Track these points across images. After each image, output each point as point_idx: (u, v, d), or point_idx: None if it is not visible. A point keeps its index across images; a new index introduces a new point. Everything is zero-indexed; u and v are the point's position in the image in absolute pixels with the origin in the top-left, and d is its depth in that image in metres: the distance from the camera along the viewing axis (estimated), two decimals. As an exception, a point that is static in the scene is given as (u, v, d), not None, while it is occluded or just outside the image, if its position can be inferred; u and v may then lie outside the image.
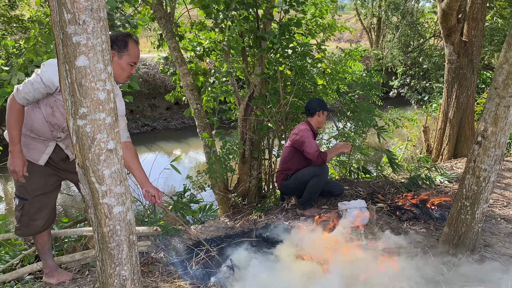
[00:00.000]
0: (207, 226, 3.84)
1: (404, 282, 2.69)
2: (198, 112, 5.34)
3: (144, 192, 2.71)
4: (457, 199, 2.81)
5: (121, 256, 1.85)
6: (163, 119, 13.48)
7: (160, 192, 2.72)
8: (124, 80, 2.41)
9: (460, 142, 6.40)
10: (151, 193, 2.68)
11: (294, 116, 5.49)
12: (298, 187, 4.14)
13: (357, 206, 3.80)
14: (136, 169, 2.61)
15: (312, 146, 3.92)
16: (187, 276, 2.87)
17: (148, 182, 2.68)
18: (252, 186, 5.57)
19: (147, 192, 2.68)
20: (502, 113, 2.42)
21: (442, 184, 4.95)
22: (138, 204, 4.29)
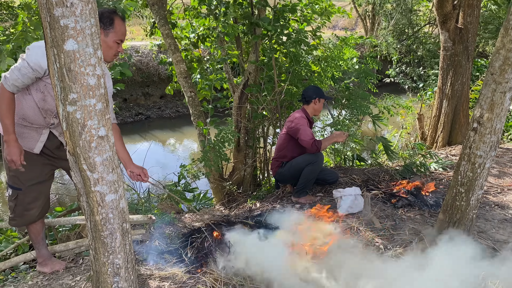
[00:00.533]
0: (202, 214, 3.83)
1: (400, 269, 2.70)
2: (192, 100, 5.29)
3: (129, 173, 2.71)
4: (452, 185, 2.81)
5: (114, 244, 1.83)
6: (157, 108, 13.39)
7: (145, 170, 2.72)
8: (111, 58, 2.37)
9: (455, 129, 6.41)
10: (136, 173, 2.67)
11: (289, 104, 5.46)
12: (293, 175, 4.13)
13: (352, 193, 3.80)
14: (119, 150, 2.61)
15: (307, 134, 3.90)
16: (182, 264, 2.86)
17: (131, 163, 2.68)
18: (247, 174, 5.55)
19: (132, 173, 2.68)
20: (498, 99, 2.41)
21: (436, 171, 4.96)
22: (132, 193, 4.27)
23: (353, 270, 2.60)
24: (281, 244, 2.91)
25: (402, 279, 2.53)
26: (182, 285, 2.61)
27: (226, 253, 2.86)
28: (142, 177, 2.72)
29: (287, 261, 2.66)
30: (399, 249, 3.05)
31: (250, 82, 5.13)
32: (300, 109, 4.17)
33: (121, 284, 1.93)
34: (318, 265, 2.64)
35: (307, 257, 2.70)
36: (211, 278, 2.64)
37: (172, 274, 2.72)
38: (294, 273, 2.56)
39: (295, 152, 4.11)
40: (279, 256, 2.75)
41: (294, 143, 4.08)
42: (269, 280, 2.52)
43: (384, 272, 2.60)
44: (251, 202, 4.68)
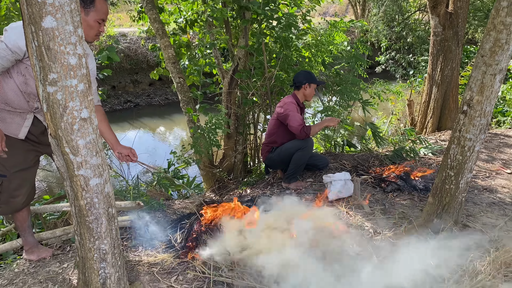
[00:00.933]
0: (193, 201, 3.80)
1: (388, 252, 2.71)
2: (181, 86, 5.21)
3: (117, 155, 2.68)
4: (441, 169, 2.81)
5: (100, 229, 1.79)
6: (146, 95, 13.24)
7: (133, 150, 2.69)
8: (93, 38, 2.30)
9: (444, 115, 6.43)
10: (124, 154, 2.63)
11: (280, 90, 5.41)
12: (283, 160, 4.11)
13: (341, 178, 3.80)
14: (105, 132, 2.56)
15: (296, 119, 3.87)
16: (172, 249, 2.84)
17: (118, 144, 2.65)
18: (238, 161, 5.53)
19: (120, 154, 2.65)
20: (488, 81, 2.39)
21: (426, 156, 4.98)
22: (120, 179, 4.21)
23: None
24: (271, 228, 2.90)
25: (389, 262, 2.54)
26: (171, 270, 2.59)
27: (216, 237, 2.84)
28: (131, 157, 2.68)
29: (277, 246, 2.65)
30: (388, 233, 3.06)
31: (240, 68, 5.07)
32: (291, 95, 4.14)
33: (107, 270, 1.90)
34: (306, 249, 2.63)
35: (296, 241, 2.69)
36: (200, 263, 2.63)
37: (161, 260, 2.70)
38: (283, 258, 2.54)
39: (285, 138, 4.09)
40: (270, 241, 2.74)
41: (284, 129, 4.05)
42: (259, 265, 2.51)
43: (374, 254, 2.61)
44: (241, 188, 4.67)
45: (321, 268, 2.47)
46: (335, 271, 2.46)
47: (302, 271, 2.43)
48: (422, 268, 2.53)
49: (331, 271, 2.46)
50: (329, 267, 2.50)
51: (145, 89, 13.51)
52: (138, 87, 13.40)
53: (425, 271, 2.50)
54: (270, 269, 2.46)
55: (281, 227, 2.92)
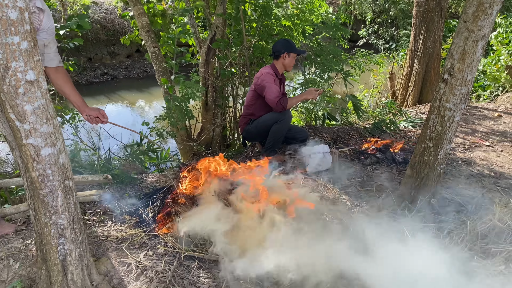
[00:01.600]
0: (166, 174, 3.67)
1: (365, 224, 2.66)
2: (156, 56, 4.99)
3: (86, 117, 2.53)
4: (420, 140, 2.74)
5: (56, 203, 1.66)
6: (123, 68, 12.81)
7: (102, 111, 2.55)
8: None
9: (426, 88, 6.38)
10: (93, 116, 2.50)
11: (259, 60, 5.24)
12: (260, 133, 4.00)
13: (320, 151, 3.72)
14: (70, 94, 2.40)
15: (272, 91, 3.74)
16: (143, 224, 2.73)
17: (85, 105, 2.50)
18: (216, 134, 5.39)
19: (89, 116, 2.51)
20: (470, 48, 2.30)
21: (406, 129, 4.94)
22: (91, 153, 4.04)
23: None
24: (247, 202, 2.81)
25: (364, 235, 2.49)
26: (141, 245, 2.49)
27: (191, 209, 2.73)
28: (100, 119, 2.53)
29: (252, 221, 2.56)
30: (365, 206, 3.01)
31: (218, 37, 4.87)
32: (269, 65, 3.99)
33: (67, 246, 1.78)
34: (282, 223, 2.56)
35: (272, 215, 2.61)
36: (171, 238, 2.53)
37: (131, 235, 2.59)
38: (258, 232, 2.46)
39: (263, 110, 3.97)
40: (245, 216, 2.66)
41: (262, 101, 3.92)
42: (233, 240, 2.43)
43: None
44: (219, 162, 4.55)
45: (295, 240, 2.40)
46: (311, 244, 2.40)
47: (277, 245, 2.36)
48: (399, 240, 2.49)
49: (307, 244, 2.40)
50: (305, 239, 2.44)
51: (122, 61, 13.07)
52: (115, 59, 12.96)
53: (401, 243, 2.46)
54: (244, 243, 2.38)
55: (256, 202, 2.83)
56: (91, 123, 2.57)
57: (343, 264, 2.16)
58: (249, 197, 2.67)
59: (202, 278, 2.24)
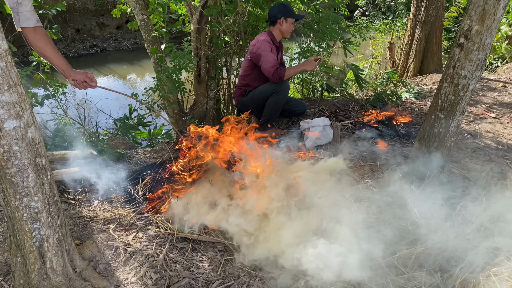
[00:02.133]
0: (158, 150, 3.46)
1: (371, 201, 2.49)
2: (145, 24, 4.69)
3: (72, 82, 2.29)
4: (430, 111, 2.54)
5: (27, 184, 1.45)
6: (113, 39, 12.38)
7: (90, 74, 2.32)
8: None
9: (427, 58, 6.13)
10: (80, 80, 2.27)
11: (254, 29, 4.96)
12: (256, 105, 3.78)
13: (320, 124, 3.51)
14: (53, 57, 2.16)
15: (269, 60, 3.49)
16: (131, 204, 2.54)
17: (71, 69, 2.26)
18: (210, 108, 5.15)
19: (75, 81, 2.28)
20: (491, 7, 2.07)
21: (408, 100, 4.73)
22: (77, 127, 3.79)
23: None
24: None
25: (370, 211, 2.32)
26: (130, 227, 2.31)
27: (186, 188, 2.54)
28: (88, 83, 2.30)
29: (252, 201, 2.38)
30: (370, 181, 2.83)
31: (210, 3, 4.57)
32: (266, 32, 3.72)
33: (43, 231, 1.58)
34: (283, 202, 2.38)
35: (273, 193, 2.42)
36: (163, 218, 2.35)
37: (119, 215, 2.41)
38: (258, 212, 2.28)
39: (259, 81, 3.73)
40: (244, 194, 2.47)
41: (258, 71, 3.68)
42: (230, 222, 2.25)
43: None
44: (213, 136, 4.34)
45: (298, 218, 2.23)
46: (314, 221, 2.23)
47: (278, 225, 2.18)
48: (406, 217, 2.33)
49: (308, 221, 2.23)
50: (306, 216, 2.27)
51: (112, 32, 12.63)
52: (104, 31, 12.52)
53: (409, 221, 2.30)
54: (243, 225, 2.21)
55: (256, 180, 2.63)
56: (79, 88, 2.34)
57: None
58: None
59: (197, 261, 2.07)
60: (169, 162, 2.81)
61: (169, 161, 2.83)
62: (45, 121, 4.12)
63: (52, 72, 4.13)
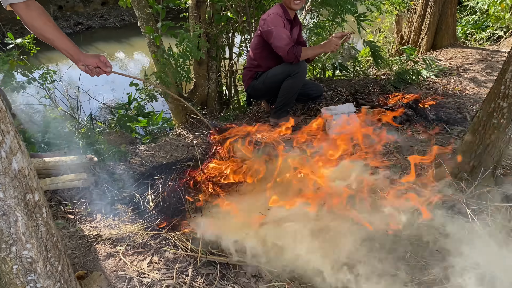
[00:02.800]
0: (162, 144, 3.06)
1: (415, 203, 2.15)
2: (138, 0, 4.19)
3: (82, 68, 1.87)
4: (489, 99, 2.17)
5: (16, 230, 1.07)
6: (99, 16, 11.66)
7: (103, 57, 1.89)
8: None
9: (441, 31, 5.72)
10: (92, 65, 1.86)
11: (259, 3, 4.49)
12: (269, 90, 3.37)
13: (345, 111, 3.14)
14: (55, 38, 1.75)
15: (282, 37, 3.05)
16: (141, 218, 2.16)
17: (80, 52, 1.84)
18: (212, 91, 4.71)
19: (86, 67, 1.86)
20: None
21: (428, 79, 4.35)
22: (70, 120, 3.34)
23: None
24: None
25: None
26: (142, 248, 1.94)
27: (212, 198, 2.16)
28: (102, 69, 1.88)
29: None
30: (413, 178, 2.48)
31: (210, -25, 4.08)
32: (279, 4, 3.27)
33: (40, 283, 1.20)
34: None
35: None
36: (182, 237, 1.97)
37: (128, 233, 2.03)
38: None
39: (272, 60, 3.29)
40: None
41: (269, 50, 3.24)
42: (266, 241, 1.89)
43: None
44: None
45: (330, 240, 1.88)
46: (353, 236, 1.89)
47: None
48: (458, 223, 2.01)
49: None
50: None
51: (97, 9, 11.90)
52: (89, 7, 11.78)
53: (461, 227, 1.97)
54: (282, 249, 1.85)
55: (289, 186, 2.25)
56: (91, 75, 1.90)
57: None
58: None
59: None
60: (186, 163, 2.41)
61: (187, 162, 2.43)
62: (30, 113, 3.68)
63: (35, 56, 3.65)
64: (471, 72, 4.51)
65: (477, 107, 3.59)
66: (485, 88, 4.05)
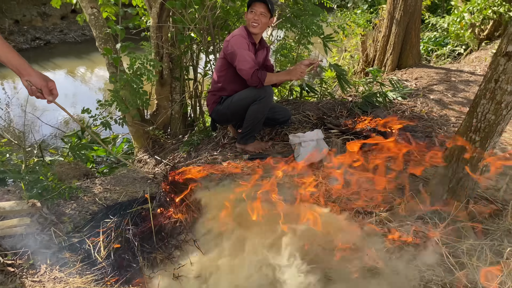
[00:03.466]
0: (119, 177, 2.83)
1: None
2: (95, 19, 3.96)
3: (26, 84, 1.63)
4: (461, 131, 2.11)
5: None
6: (58, 31, 11.22)
7: (52, 83, 1.68)
8: None
9: (406, 50, 5.79)
10: (37, 85, 1.63)
11: (224, 23, 4.36)
12: (234, 115, 3.22)
13: (313, 138, 3.02)
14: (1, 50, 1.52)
15: (246, 60, 2.92)
16: (92, 269, 1.93)
17: (28, 67, 1.61)
18: (175, 113, 4.52)
19: (29, 83, 1.62)
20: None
21: (395, 101, 4.33)
22: (9, 153, 3.03)
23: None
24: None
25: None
26: (91, 307, 1.71)
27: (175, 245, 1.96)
28: (45, 94, 1.65)
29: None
30: (383, 213, 2.38)
31: (172, -6, 3.91)
32: (243, 26, 3.13)
33: None
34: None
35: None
36: (137, 292, 1.77)
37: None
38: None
39: (237, 84, 3.14)
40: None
41: (234, 72, 3.09)
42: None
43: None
44: (183, 150, 3.75)
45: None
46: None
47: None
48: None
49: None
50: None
51: (56, 23, 11.45)
52: (47, 21, 11.32)
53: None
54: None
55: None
56: (30, 94, 1.66)
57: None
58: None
59: None
60: (142, 204, 2.20)
61: (143, 202, 2.22)
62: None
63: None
64: (436, 93, 4.54)
65: (445, 131, 3.58)
66: (451, 110, 4.07)
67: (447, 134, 3.48)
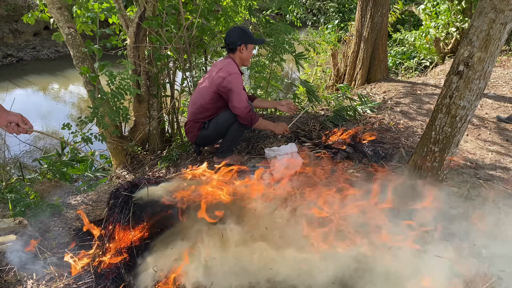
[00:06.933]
0: (100, 194, 2.90)
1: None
2: (72, 39, 4.04)
3: (4, 124, 1.76)
4: (422, 143, 2.30)
5: None
6: (31, 48, 11.11)
7: (24, 118, 1.82)
8: None
9: (374, 66, 6.07)
10: (15, 122, 1.77)
11: (199, 41, 4.50)
12: (220, 134, 3.32)
13: (288, 152, 3.17)
14: None
15: (242, 99, 3.07)
16: (79, 283, 2.00)
17: (3, 109, 1.76)
18: (153, 129, 4.61)
19: (9, 124, 1.77)
20: (496, 33, 1.84)
21: (365, 114, 4.55)
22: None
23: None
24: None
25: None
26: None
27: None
28: (24, 127, 1.80)
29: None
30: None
31: (148, 14, 4.04)
32: (229, 59, 3.22)
33: None
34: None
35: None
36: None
37: (62, 302, 1.86)
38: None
39: (220, 111, 3.26)
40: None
41: (223, 104, 3.20)
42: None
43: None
44: (161, 165, 3.83)
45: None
46: None
47: None
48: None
49: None
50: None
51: (29, 40, 11.34)
52: (20, 38, 11.20)
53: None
54: None
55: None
56: (10, 132, 1.79)
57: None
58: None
59: None
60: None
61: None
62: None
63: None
64: (403, 106, 4.79)
65: (411, 142, 3.80)
66: (416, 121, 4.31)
67: (413, 145, 3.70)
